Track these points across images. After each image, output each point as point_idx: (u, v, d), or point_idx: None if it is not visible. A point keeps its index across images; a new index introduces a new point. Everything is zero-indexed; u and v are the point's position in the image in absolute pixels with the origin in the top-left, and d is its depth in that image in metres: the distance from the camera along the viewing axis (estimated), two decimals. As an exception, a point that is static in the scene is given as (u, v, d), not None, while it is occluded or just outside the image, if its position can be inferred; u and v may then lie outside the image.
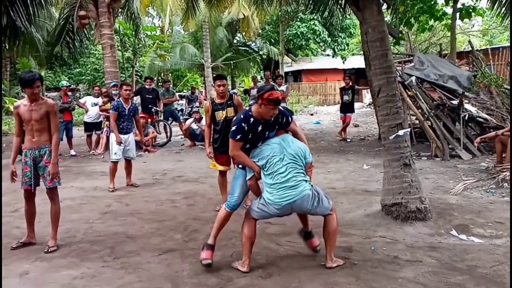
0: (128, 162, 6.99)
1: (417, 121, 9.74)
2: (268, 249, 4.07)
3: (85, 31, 13.05)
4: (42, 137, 4.14)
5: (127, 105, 6.80)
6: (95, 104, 10.82)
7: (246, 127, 3.50)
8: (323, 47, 29.68)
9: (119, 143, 6.62)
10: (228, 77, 32.54)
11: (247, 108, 3.80)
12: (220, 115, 5.27)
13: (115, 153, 6.74)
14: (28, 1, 9.85)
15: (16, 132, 4.30)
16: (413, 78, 9.34)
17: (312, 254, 3.89)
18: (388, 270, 3.55)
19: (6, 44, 11.83)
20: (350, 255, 3.85)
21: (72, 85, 12.70)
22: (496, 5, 8.87)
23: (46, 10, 13.08)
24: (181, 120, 12.87)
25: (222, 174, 5.51)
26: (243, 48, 29.47)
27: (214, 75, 5.71)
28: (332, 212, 3.63)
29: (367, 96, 24.98)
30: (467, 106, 9.11)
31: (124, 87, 6.87)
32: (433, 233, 4.39)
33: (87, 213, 5.45)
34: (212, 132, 5.42)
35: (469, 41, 13.80)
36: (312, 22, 24.58)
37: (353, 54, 26.91)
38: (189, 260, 3.85)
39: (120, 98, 6.91)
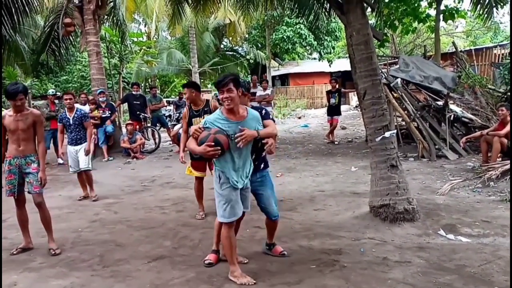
0: (83, 173, 6.62)
1: (403, 123, 9.80)
2: (258, 254, 4.08)
3: (71, 39, 12.93)
4: (28, 146, 4.24)
5: (70, 114, 6.45)
6: None
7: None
8: (310, 51, 29.77)
9: (59, 156, 6.50)
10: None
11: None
12: (197, 121, 5.14)
13: (70, 166, 6.68)
14: (13, 10, 9.73)
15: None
16: (399, 80, 9.40)
17: (301, 257, 3.91)
18: (377, 272, 3.56)
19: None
20: (339, 258, 3.87)
21: (59, 93, 12.54)
22: (478, 7, 9.03)
23: (31, 18, 12.87)
24: (169, 126, 12.82)
25: (199, 180, 5.44)
26: (230, 53, 29.48)
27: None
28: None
29: (354, 99, 25.07)
30: (452, 106, 9.19)
31: (65, 96, 6.61)
32: (421, 234, 4.42)
33: (75, 222, 5.41)
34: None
35: (453, 42, 13.93)
36: (298, 26, 24.64)
37: (339, 57, 27.01)
38: (179, 267, 3.83)
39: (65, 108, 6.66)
